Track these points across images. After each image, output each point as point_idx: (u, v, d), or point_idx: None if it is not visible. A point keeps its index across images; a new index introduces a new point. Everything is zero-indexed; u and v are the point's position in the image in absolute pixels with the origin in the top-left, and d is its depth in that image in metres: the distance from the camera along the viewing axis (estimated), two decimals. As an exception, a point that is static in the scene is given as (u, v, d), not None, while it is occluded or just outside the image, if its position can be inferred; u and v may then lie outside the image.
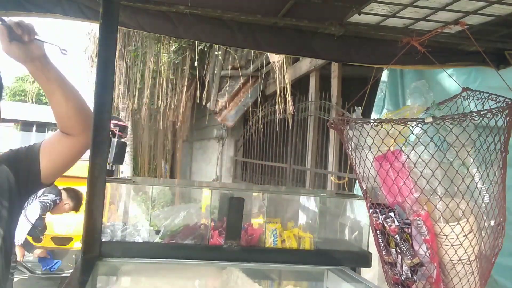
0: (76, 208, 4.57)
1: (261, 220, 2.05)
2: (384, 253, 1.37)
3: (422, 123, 1.19)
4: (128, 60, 9.15)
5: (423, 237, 1.24)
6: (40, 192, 4.27)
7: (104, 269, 1.77)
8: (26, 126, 5.60)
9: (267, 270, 2.07)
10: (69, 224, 5.04)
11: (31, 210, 4.29)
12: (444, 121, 1.18)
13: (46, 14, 2.05)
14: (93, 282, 1.56)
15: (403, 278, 1.31)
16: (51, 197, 4.37)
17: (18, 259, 4.15)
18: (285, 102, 5.84)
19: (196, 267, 1.97)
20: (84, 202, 1.68)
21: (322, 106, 5.05)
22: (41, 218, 4.41)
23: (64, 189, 4.55)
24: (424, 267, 1.26)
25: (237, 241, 1.87)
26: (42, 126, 5.69)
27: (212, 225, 1.98)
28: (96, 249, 1.67)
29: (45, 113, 5.63)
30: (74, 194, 4.62)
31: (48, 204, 4.39)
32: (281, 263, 1.95)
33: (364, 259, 1.98)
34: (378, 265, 2.21)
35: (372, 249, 1.78)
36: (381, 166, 1.32)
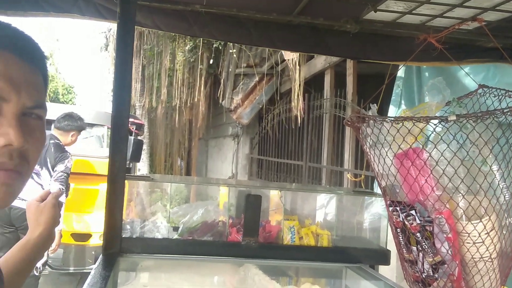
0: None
1: (278, 217, 2.05)
2: (405, 251, 1.36)
3: (445, 121, 1.18)
4: (144, 59, 9.23)
5: (445, 235, 1.23)
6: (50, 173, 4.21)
7: (124, 265, 1.80)
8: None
9: (284, 267, 2.08)
10: (88, 221, 5.12)
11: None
12: (468, 119, 1.17)
13: (63, 15, 2.08)
14: (114, 277, 1.59)
15: (424, 276, 1.31)
16: (61, 167, 4.24)
17: (54, 247, 4.14)
18: (300, 100, 5.83)
19: (213, 264, 1.99)
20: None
21: (338, 104, 5.03)
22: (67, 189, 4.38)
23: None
24: (445, 265, 1.25)
25: (255, 238, 1.89)
26: (49, 124, 5.76)
27: (230, 222, 2.00)
28: (117, 245, 1.71)
29: (54, 111, 5.70)
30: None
31: (64, 176, 4.32)
32: (299, 260, 1.95)
33: (383, 257, 1.97)
34: (396, 262, 2.20)
35: (390, 246, 1.78)
36: (402, 164, 1.31)
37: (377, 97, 1.70)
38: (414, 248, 1.31)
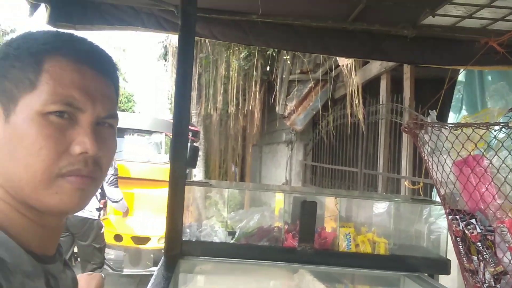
0: None
1: (334, 224, 2.05)
2: (465, 261, 1.33)
3: (506, 127, 1.15)
4: (200, 67, 9.47)
5: (507, 245, 1.19)
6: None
7: (184, 267, 1.87)
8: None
9: (340, 274, 2.07)
10: (147, 225, 5.31)
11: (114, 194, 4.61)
12: (530, 125, 1.13)
13: (127, 27, 2.21)
14: (175, 278, 1.66)
15: (485, 287, 1.27)
16: (111, 170, 4.58)
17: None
18: (355, 106, 5.76)
19: (268, 269, 2.02)
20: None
21: (394, 109, 4.92)
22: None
23: None
24: (508, 276, 1.21)
25: (311, 244, 1.90)
26: (121, 132, 6.02)
27: (286, 228, 2.02)
28: (178, 247, 1.78)
29: (124, 120, 5.96)
30: None
31: (115, 178, 4.66)
32: (356, 268, 1.94)
33: (442, 266, 1.92)
34: (457, 272, 2.13)
35: (451, 256, 1.73)
36: (461, 171, 1.28)
37: (436, 102, 1.67)
38: (475, 258, 1.27)
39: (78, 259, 5.09)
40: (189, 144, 6.01)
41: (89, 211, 4.28)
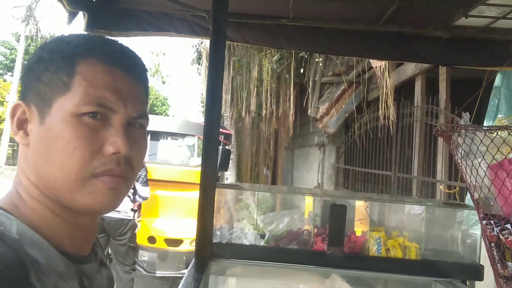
0: None
1: (364, 228, 2.03)
2: (499, 266, 1.29)
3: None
4: (232, 70, 9.55)
5: (543, 251, 1.15)
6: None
7: (215, 269, 1.89)
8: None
9: (371, 279, 2.04)
10: (180, 227, 5.38)
11: (144, 192, 4.76)
12: None
13: (161, 33, 2.27)
14: (205, 280, 1.68)
15: (521, 294, 1.23)
16: (143, 170, 4.71)
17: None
18: (388, 108, 5.67)
19: (298, 272, 2.02)
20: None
21: (429, 111, 4.82)
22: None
23: None
24: (545, 283, 1.17)
25: (340, 248, 1.88)
26: (155, 135, 6.13)
27: (315, 231, 2.02)
28: (208, 249, 1.80)
29: (158, 123, 6.06)
30: None
31: (146, 176, 4.80)
32: (386, 272, 1.91)
33: (475, 272, 1.87)
34: (492, 279, 2.07)
35: (484, 261, 1.68)
36: (496, 176, 1.25)
37: (472, 104, 1.63)
38: (510, 264, 1.24)
39: (113, 260, 5.24)
40: (221, 147, 6.07)
41: (125, 212, 4.40)
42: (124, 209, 4.36)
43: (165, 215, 5.67)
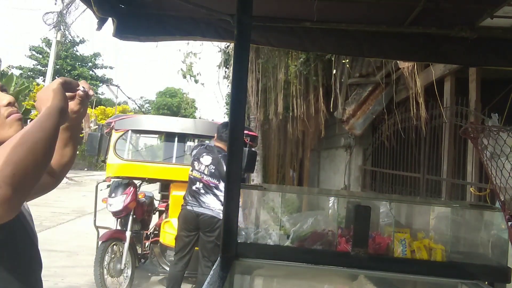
0: None
1: (389, 229, 2.02)
2: (525, 269, 1.27)
3: None
4: (258, 72, 9.58)
5: None
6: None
7: (239, 268, 1.92)
8: (168, 137, 6.12)
9: (395, 280, 2.03)
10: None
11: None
12: None
13: (187, 37, 2.32)
14: (230, 279, 1.71)
15: (548, 298, 1.21)
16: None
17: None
18: (417, 109, 5.58)
19: (322, 273, 2.02)
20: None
21: (459, 112, 4.72)
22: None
23: None
24: None
25: (365, 249, 1.88)
26: (182, 137, 6.20)
27: (339, 232, 2.02)
28: (233, 249, 1.83)
29: (184, 125, 6.13)
30: None
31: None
32: (411, 274, 1.90)
33: (502, 274, 1.83)
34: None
35: (512, 264, 1.65)
36: (521, 176, 1.24)
37: (504, 105, 1.62)
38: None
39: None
40: (247, 149, 6.10)
41: (218, 210, 4.43)
42: (217, 207, 4.40)
43: None
